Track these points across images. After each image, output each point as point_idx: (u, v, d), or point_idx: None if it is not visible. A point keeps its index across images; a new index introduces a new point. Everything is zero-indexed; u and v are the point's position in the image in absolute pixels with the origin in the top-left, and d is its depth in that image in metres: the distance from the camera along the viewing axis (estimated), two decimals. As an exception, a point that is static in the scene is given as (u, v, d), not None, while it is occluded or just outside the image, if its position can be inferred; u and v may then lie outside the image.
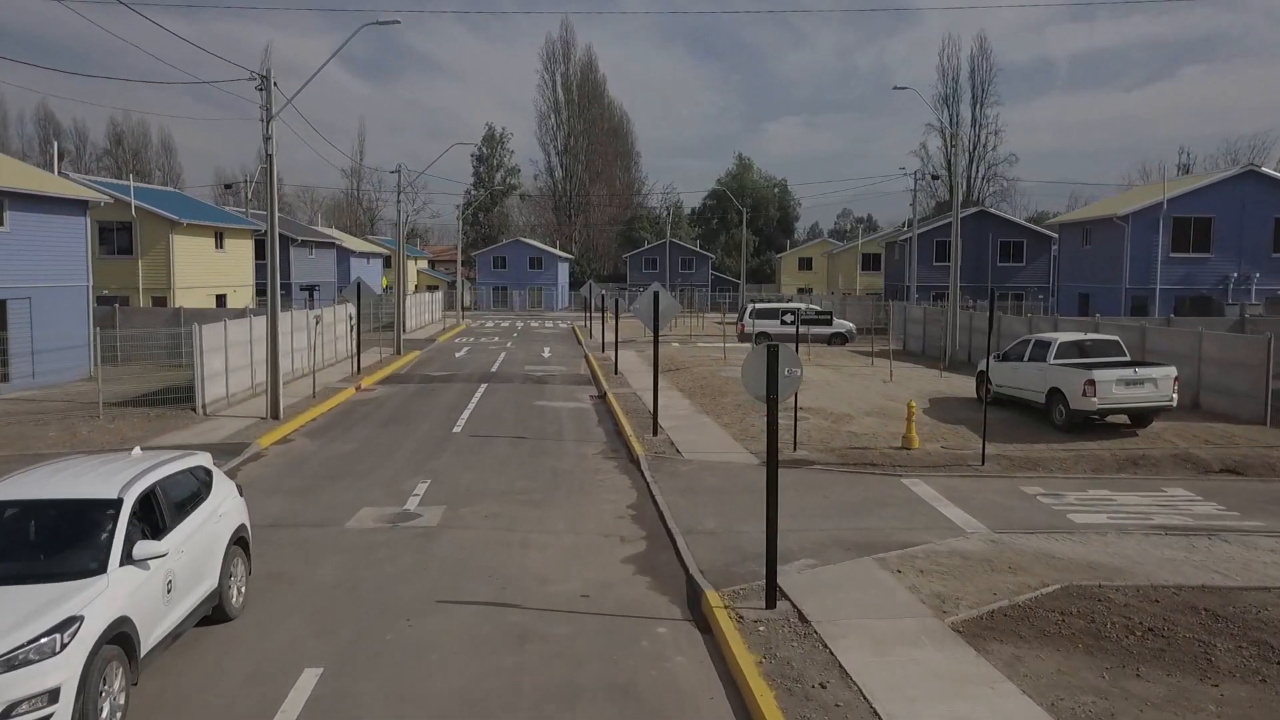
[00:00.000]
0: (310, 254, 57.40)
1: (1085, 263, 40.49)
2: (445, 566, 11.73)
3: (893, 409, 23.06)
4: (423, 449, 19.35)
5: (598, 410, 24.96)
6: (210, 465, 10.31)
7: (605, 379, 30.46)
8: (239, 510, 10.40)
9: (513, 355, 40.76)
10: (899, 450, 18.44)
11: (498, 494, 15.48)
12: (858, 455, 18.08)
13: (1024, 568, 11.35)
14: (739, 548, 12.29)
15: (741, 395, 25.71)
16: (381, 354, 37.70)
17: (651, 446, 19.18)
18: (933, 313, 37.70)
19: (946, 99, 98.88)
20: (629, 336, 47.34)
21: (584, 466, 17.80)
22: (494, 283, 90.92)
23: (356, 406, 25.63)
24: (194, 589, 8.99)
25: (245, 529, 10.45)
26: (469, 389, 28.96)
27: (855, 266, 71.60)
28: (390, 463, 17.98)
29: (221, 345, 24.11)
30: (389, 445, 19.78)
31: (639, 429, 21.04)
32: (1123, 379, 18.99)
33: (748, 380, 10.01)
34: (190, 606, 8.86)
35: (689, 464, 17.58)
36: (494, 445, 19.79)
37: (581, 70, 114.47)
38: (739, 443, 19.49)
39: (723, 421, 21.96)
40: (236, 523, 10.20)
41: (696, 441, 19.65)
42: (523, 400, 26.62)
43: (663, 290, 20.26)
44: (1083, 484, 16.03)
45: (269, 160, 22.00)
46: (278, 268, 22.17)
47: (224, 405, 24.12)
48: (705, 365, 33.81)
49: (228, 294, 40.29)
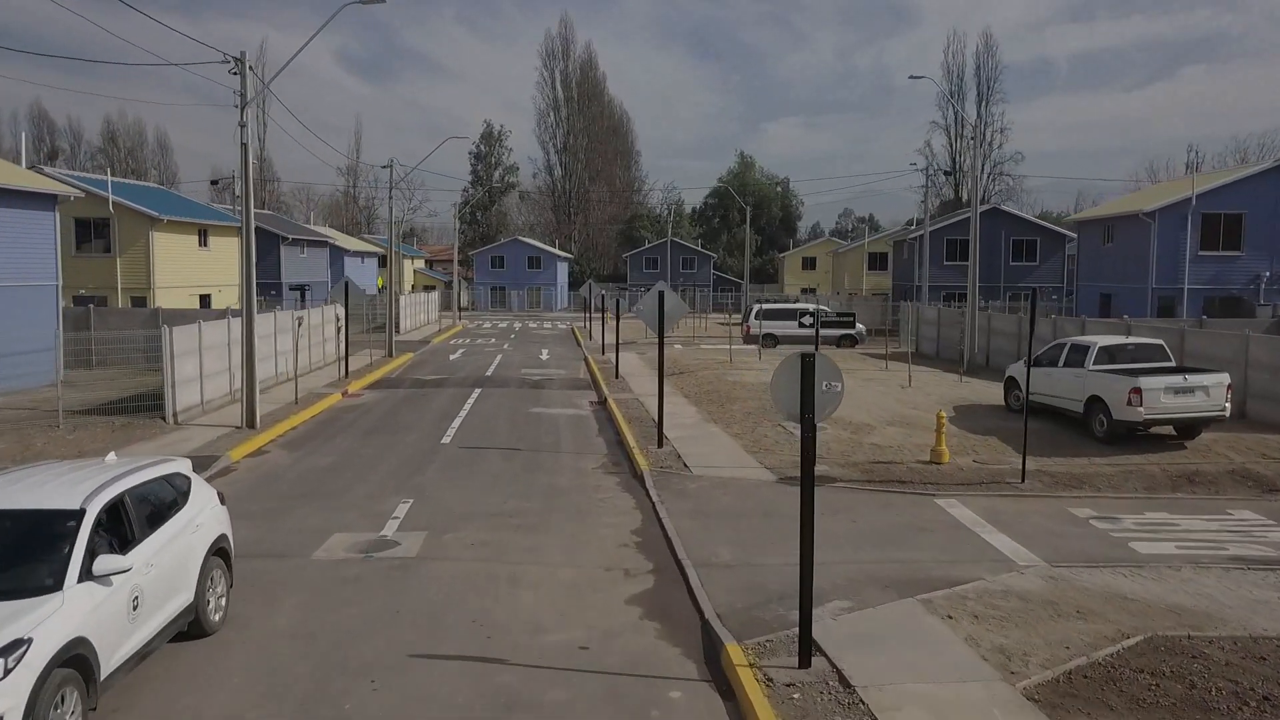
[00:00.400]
0: (302, 253, 55.79)
1: (1107, 261, 38.81)
2: (421, 610, 10.13)
3: (916, 418, 21.46)
4: (407, 463, 17.76)
5: (598, 418, 23.38)
6: (189, 472, 9.81)
7: (605, 384, 28.88)
8: (219, 519, 9.86)
9: (509, 358, 39.18)
10: (928, 465, 16.85)
11: (486, 517, 13.88)
12: (883, 471, 16.48)
13: (1094, 612, 9.76)
14: (761, 585, 10.70)
15: (751, 402, 24.10)
16: (372, 356, 36.11)
17: (657, 460, 17.60)
18: (948, 314, 36.10)
19: (951, 96, 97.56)
20: (630, 338, 45.80)
21: (583, 483, 16.20)
22: (492, 283, 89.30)
23: (341, 414, 24.03)
24: (166, 604, 8.46)
25: (226, 539, 9.91)
26: (462, 394, 27.38)
27: (861, 266, 69.98)
28: (370, 479, 16.38)
29: (195, 348, 22.52)
30: (371, 458, 18.18)
31: (642, 440, 19.45)
32: (1171, 387, 17.39)
33: (778, 396, 8.38)
34: (161, 623, 8.33)
35: (698, 481, 15.98)
36: (485, 459, 18.19)
37: (581, 67, 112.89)
38: (751, 455, 17.90)
39: (732, 431, 20.37)
40: (216, 533, 9.63)
41: (705, 454, 18.05)
42: (518, 407, 25.03)
43: (668, 289, 18.68)
44: (1137, 505, 14.43)
45: (244, 150, 20.40)
46: (253, 265, 20.58)
47: (198, 413, 22.53)
48: (711, 369, 32.23)
49: (212, 294, 38.65)
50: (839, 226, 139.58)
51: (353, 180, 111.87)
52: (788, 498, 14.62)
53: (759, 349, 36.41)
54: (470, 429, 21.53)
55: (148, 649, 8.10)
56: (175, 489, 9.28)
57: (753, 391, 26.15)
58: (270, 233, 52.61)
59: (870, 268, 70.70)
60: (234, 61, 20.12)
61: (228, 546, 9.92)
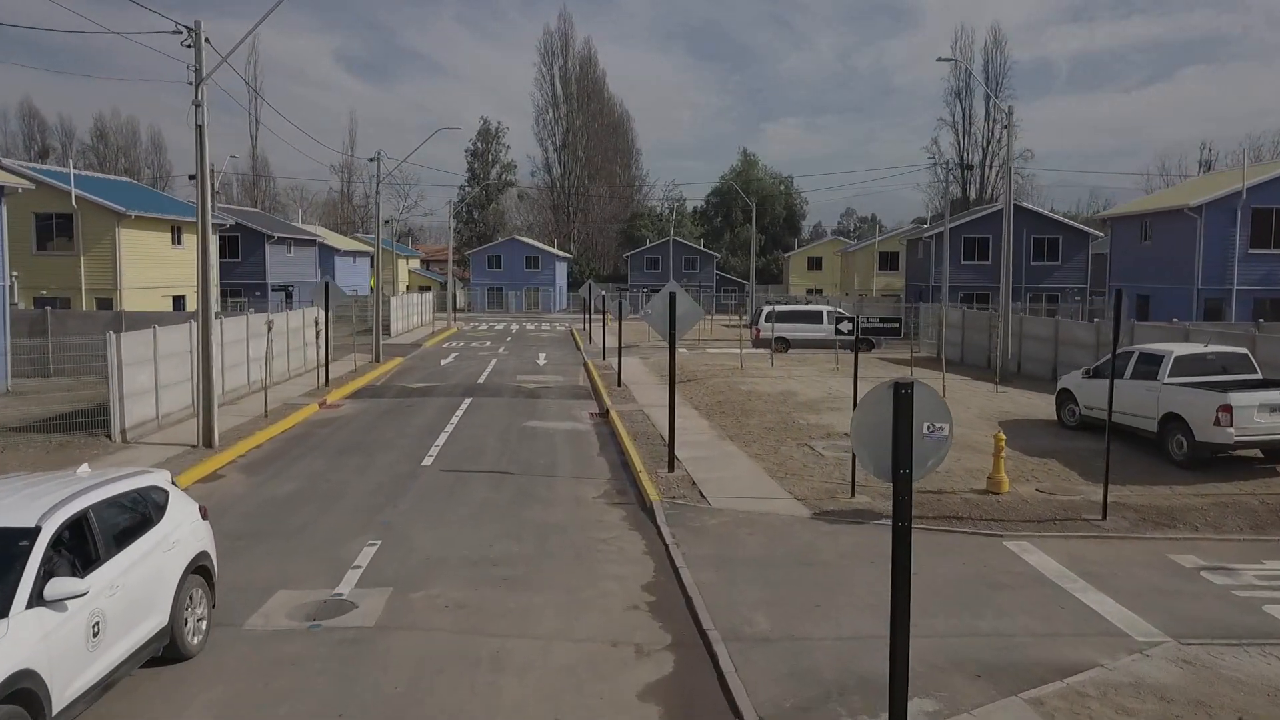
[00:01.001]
0: (288, 252, 53.38)
1: (1145, 260, 36.16)
2: (374, 712, 7.75)
3: (960, 436, 19.07)
4: (380, 490, 15.37)
5: (599, 433, 21.01)
6: (167, 484, 9.24)
7: (607, 393, 26.50)
8: (199, 535, 9.26)
9: (504, 363, 36.79)
10: (984, 496, 14.47)
11: (466, 566, 11.50)
12: (933, 503, 14.10)
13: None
14: (811, 671, 8.33)
15: (770, 416, 21.72)
16: (357, 362, 33.70)
17: (668, 487, 15.22)
18: (973, 316, 33.70)
19: (959, 92, 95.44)
20: (632, 341, 43.42)
21: (582, 517, 13.82)
22: (489, 283, 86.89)
23: (315, 428, 21.64)
24: (135, 628, 7.86)
25: (208, 556, 9.33)
26: (450, 405, 24.99)
27: (871, 265, 67.52)
28: (335, 512, 13.99)
29: (150, 356, 20.15)
30: (339, 485, 15.80)
31: (651, 461, 17.08)
32: (1267, 404, 15.00)
33: (863, 442, 5.95)
34: (129, 649, 7.73)
35: (718, 516, 13.60)
36: (470, 485, 15.80)
37: (580, 64, 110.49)
38: (777, 483, 15.51)
39: (752, 451, 17.98)
40: (195, 550, 9.05)
41: (724, 480, 15.67)
42: (511, 420, 22.64)
43: (680, 290, 16.30)
44: (1249, 551, 12.04)
45: (199, 133, 18.02)
46: (209, 262, 18.19)
47: (152, 429, 20.15)
48: (720, 375, 29.85)
49: (187, 295, 36.21)
50: (841, 226, 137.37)
51: (347, 178, 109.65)
52: (827, 540, 12.25)
53: (771, 354, 34.04)
54: (456, 447, 19.16)
55: (113, 678, 7.52)
56: (150, 503, 8.72)
57: (770, 403, 23.77)
58: (254, 231, 50.25)
59: (880, 267, 68.22)
60: (187, 32, 17.74)
61: (209, 564, 9.32)
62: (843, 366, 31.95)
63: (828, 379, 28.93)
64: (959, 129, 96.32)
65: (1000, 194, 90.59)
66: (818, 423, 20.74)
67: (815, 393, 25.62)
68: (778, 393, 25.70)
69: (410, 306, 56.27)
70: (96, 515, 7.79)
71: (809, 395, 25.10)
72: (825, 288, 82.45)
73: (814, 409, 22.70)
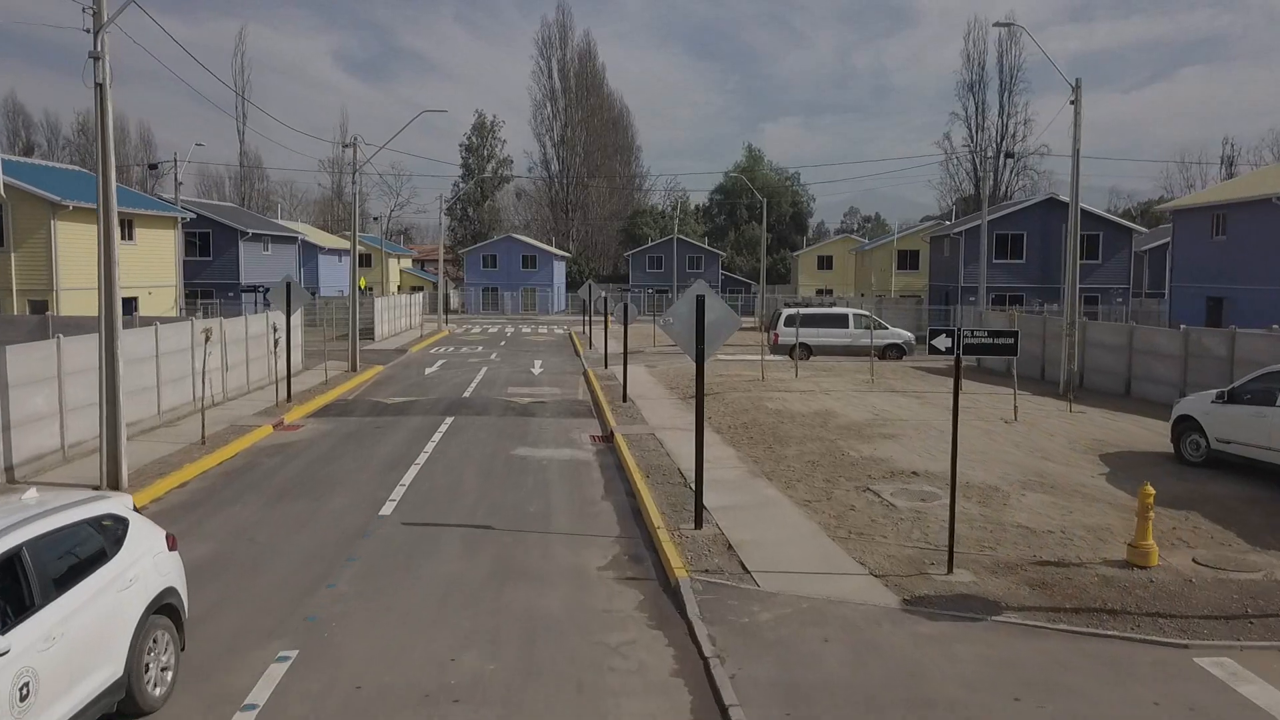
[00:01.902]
0: (265, 249, 49.59)
1: (1218, 258, 32.23)
2: None
3: (1058, 476, 15.33)
4: (317, 558, 11.63)
5: (603, 464, 17.30)
6: (125, 511, 7.90)
7: (611, 410, 22.78)
8: (163, 570, 7.92)
9: (495, 371, 33.05)
10: (1128, 570, 10.74)
11: (414, 704, 7.75)
12: (1063, 582, 10.36)
13: None
14: None
15: (811, 444, 17.96)
16: (329, 372, 29.93)
17: (696, 552, 11.49)
18: (1025, 323, 29.97)
19: (972, 86, 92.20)
20: (635, 345, 39.65)
21: (584, 604, 10.07)
22: (483, 283, 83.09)
23: (261, 457, 17.91)
24: (81, 683, 6.65)
25: (175, 593, 8.00)
26: (427, 427, 21.27)
27: (890, 264, 63.73)
28: (246, 598, 10.25)
29: (53, 374, 16.50)
30: (265, 549, 12.06)
31: (670, 509, 13.36)
32: None
33: None
34: (72, 709, 6.52)
35: (772, 604, 9.85)
36: (436, 547, 12.07)
37: (579, 57, 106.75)
38: (841, 547, 11.75)
39: (799, 496, 14.22)
40: (158, 587, 7.74)
41: (770, 543, 11.91)
42: (497, 447, 18.92)
43: (710, 291, 12.58)
44: None
45: (99, 92, 14.29)
46: (112, 255, 14.48)
47: (55, 461, 16.46)
48: (741, 389, 26.11)
49: (140, 297, 32.39)
50: (844, 225, 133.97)
51: (337, 175, 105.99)
52: (938, 653, 8.50)
53: (795, 363, 30.31)
54: (426, 486, 15.41)
55: None
56: (104, 535, 7.51)
57: (807, 426, 20.02)
58: (227, 226, 46.53)
59: (899, 266, 64.44)
60: (83, -35, 14.00)
61: (177, 602, 8.12)
62: (879, 379, 28.18)
63: (866, 394, 25.16)
64: (972, 124, 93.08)
65: (1014, 192, 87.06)
66: (873, 455, 16.97)
67: (858, 413, 21.84)
68: (812, 412, 21.94)
69: (397, 308, 52.53)
70: (32, 553, 6.69)
71: (852, 416, 21.32)
72: (836, 288, 78.72)
73: (863, 436, 18.93)
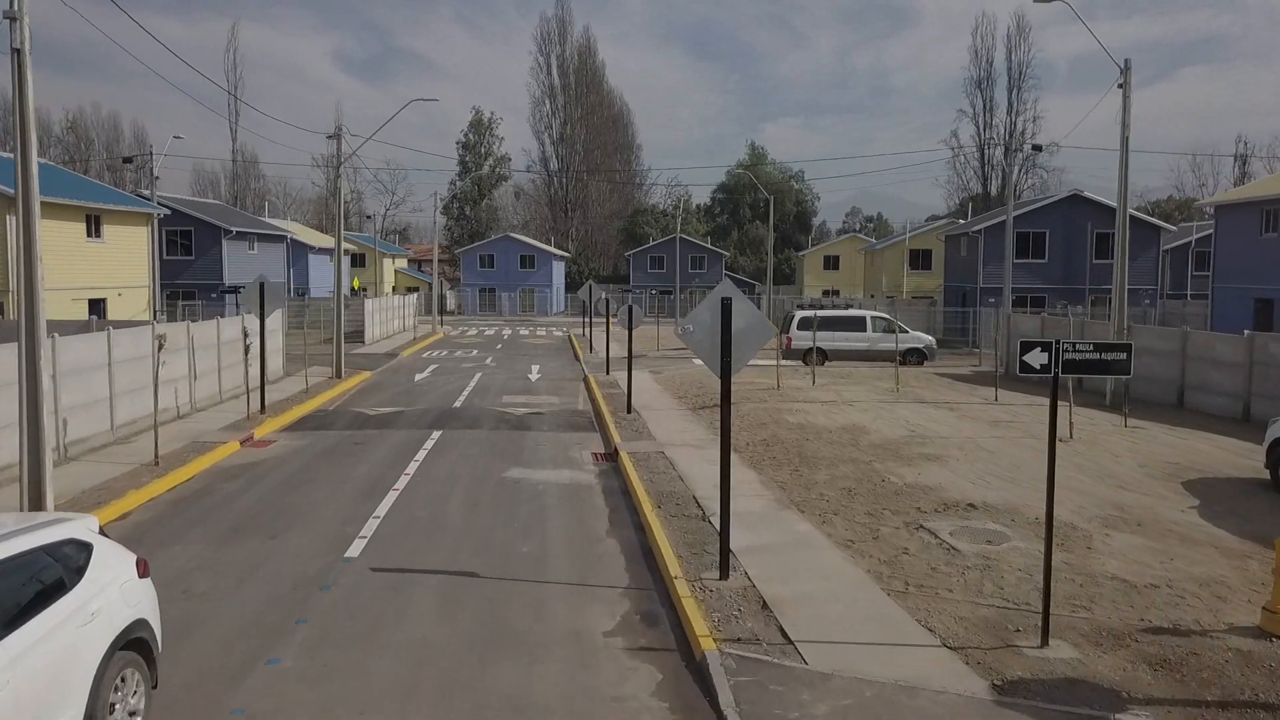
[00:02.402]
0: (251, 249, 47.47)
1: (1267, 256, 29.99)
2: None
3: (1144, 510, 13.20)
4: (260, 620, 9.51)
5: (607, 490, 15.20)
6: (90, 535, 7.03)
7: (614, 423, 20.68)
8: (133, 599, 7.07)
9: (490, 378, 30.96)
10: (1263, 642, 8.63)
11: None
12: (1189, 661, 8.25)
13: None
14: None
15: (844, 466, 15.86)
16: (309, 380, 27.80)
17: (725, 613, 9.38)
18: (1060, 326, 27.85)
19: (980, 83, 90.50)
20: (638, 349, 37.50)
21: (586, 695, 7.96)
22: (480, 284, 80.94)
23: (220, 481, 15.79)
24: None
25: (146, 626, 7.15)
26: (412, 442, 19.17)
27: (901, 265, 61.61)
28: (161, 678, 8.11)
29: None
30: (201, 604, 9.94)
31: (688, 551, 11.26)
32: None
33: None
34: None
35: (826, 691, 7.74)
36: (409, 603, 9.96)
37: (579, 54, 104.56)
38: (896, 601, 9.64)
39: (838, 534, 12.09)
40: (126, 619, 6.87)
41: (812, 598, 9.78)
42: (488, 467, 16.81)
43: (738, 293, 10.46)
44: None
45: (15, 58, 12.13)
46: (34, 250, 12.26)
47: (-22, 488, 14.31)
48: (756, 399, 23.99)
49: (109, 298, 30.26)
50: (846, 225, 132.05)
51: (331, 172, 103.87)
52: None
53: (812, 369, 28.20)
54: (404, 520, 13.30)
55: None
56: (62, 564, 6.58)
57: (835, 445, 17.90)
58: (209, 224, 44.44)
59: (911, 266, 62.32)
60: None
61: (148, 635, 7.14)
62: (905, 388, 26.06)
63: (894, 406, 23.03)
64: (980, 121, 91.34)
65: (1022, 191, 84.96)
66: (918, 481, 14.83)
67: (891, 429, 19.70)
68: (839, 427, 19.82)
69: (389, 310, 50.41)
70: None
71: (885, 433, 19.17)
72: (843, 288, 76.65)
73: (902, 457, 16.78)
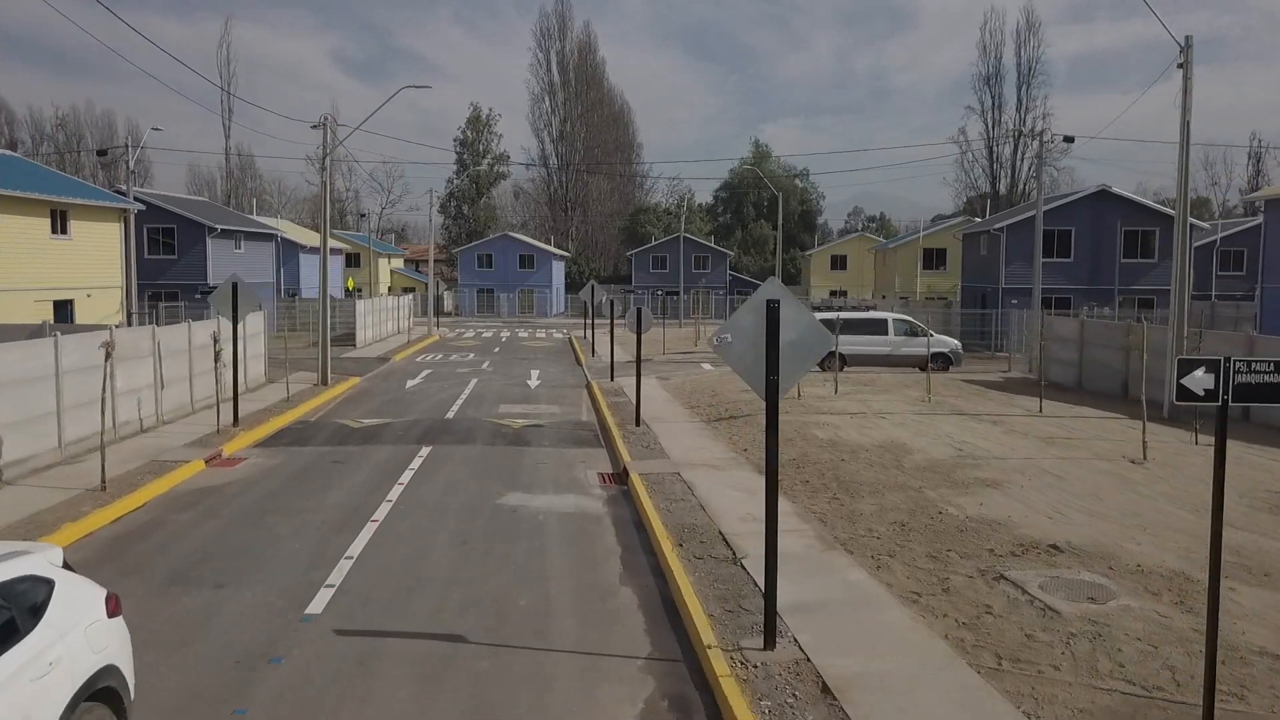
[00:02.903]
0: (237, 247, 45.42)
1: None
2: None
3: (1266, 555, 11.10)
4: (184, 712, 7.43)
5: (617, 519, 13.15)
6: (49, 570, 5.99)
7: (622, 438, 18.62)
8: (99, 644, 6.07)
9: (486, 384, 28.92)
10: None
11: None
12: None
13: None
14: None
15: (893, 495, 13.77)
16: (291, 388, 25.70)
17: (777, 704, 7.33)
18: (1099, 329, 25.82)
19: (988, 79, 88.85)
20: (642, 352, 35.53)
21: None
22: (478, 284, 78.87)
23: (170, 513, 13.70)
24: None
25: (115, 673, 6.16)
26: (398, 460, 17.12)
27: (915, 265, 59.55)
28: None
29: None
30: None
31: (720, 608, 9.20)
32: None
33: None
34: None
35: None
36: (375, 687, 7.88)
37: (579, 50, 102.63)
38: (991, 684, 7.56)
39: (897, 580, 10.01)
40: (92, 667, 5.92)
41: (885, 682, 7.70)
42: (482, 493, 14.75)
43: (788, 296, 8.41)
44: None
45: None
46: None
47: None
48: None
49: (76, 299, 28.21)
50: (848, 225, 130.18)
51: (327, 172, 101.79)
52: None
53: (834, 377, 26.15)
54: (380, 562, 11.22)
55: None
56: (15, 604, 5.58)
57: (874, 463, 15.82)
58: (193, 221, 42.40)
59: (924, 266, 60.31)
60: None
61: (118, 684, 6.16)
62: (937, 398, 23.99)
63: (930, 418, 20.94)
64: (988, 118, 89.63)
65: (1031, 190, 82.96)
66: (981, 515, 12.73)
67: (935, 446, 17.58)
68: (876, 444, 17.72)
69: (383, 311, 48.32)
70: None
71: (929, 452, 17.05)
72: (851, 289, 74.61)
73: (955, 482, 14.67)
